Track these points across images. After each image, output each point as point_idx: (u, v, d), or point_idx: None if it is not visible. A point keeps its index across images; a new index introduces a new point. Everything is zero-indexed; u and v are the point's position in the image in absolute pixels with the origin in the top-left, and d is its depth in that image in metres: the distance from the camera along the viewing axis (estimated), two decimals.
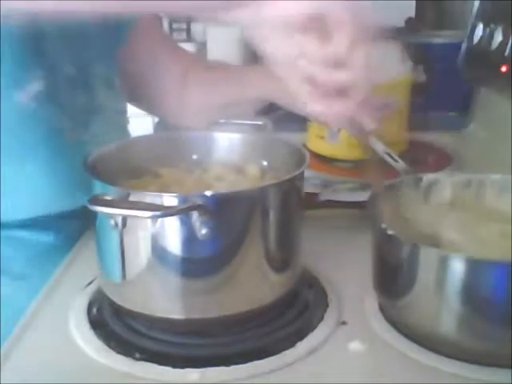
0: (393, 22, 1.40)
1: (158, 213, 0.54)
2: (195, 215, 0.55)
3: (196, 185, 0.67)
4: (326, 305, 0.66)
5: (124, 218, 0.56)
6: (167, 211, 0.55)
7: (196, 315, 0.60)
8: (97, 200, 0.55)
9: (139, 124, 1.06)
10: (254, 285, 0.61)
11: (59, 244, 0.79)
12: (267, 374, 0.57)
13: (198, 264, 0.58)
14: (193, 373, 0.57)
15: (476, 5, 1.08)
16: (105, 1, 0.55)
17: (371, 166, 0.66)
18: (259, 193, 0.60)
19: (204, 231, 0.55)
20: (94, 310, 0.66)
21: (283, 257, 0.63)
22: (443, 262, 0.55)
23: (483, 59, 1.02)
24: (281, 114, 0.98)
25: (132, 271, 0.60)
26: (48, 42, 0.75)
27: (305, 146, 0.98)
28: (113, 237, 0.59)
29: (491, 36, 0.99)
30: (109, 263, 0.62)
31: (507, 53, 0.94)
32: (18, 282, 0.76)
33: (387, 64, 1.01)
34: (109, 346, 0.60)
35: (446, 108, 1.31)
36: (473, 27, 1.06)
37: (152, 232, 0.57)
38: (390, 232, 0.58)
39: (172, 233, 0.57)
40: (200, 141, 0.74)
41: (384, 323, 0.63)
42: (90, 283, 0.70)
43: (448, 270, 0.55)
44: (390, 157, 0.77)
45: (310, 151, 1.03)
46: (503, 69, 0.95)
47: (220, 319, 0.60)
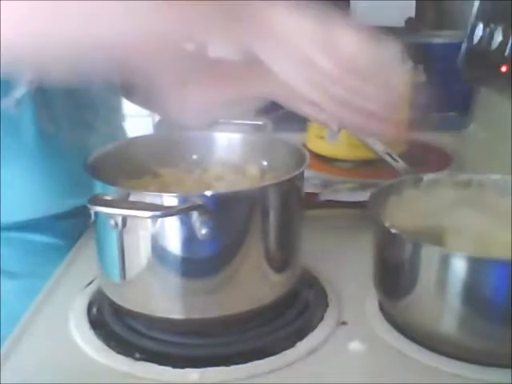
0: (393, 22, 1.40)
1: (158, 213, 0.54)
2: (195, 215, 0.55)
3: (196, 185, 0.67)
4: (326, 305, 0.66)
5: (124, 218, 0.56)
6: (167, 211, 0.55)
7: (196, 315, 0.60)
8: (97, 200, 0.55)
9: (139, 124, 1.07)
10: (254, 285, 0.61)
11: (58, 244, 0.79)
12: (267, 374, 0.57)
13: (198, 264, 0.58)
14: (193, 373, 0.57)
15: (476, 5, 1.08)
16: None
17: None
18: (259, 193, 0.60)
19: (204, 231, 0.55)
20: (94, 310, 0.66)
21: (283, 257, 0.63)
22: (445, 260, 0.55)
23: (483, 59, 1.02)
24: (281, 114, 0.98)
25: (132, 271, 0.60)
26: None
27: (305, 146, 0.98)
28: (113, 237, 0.59)
29: (491, 36, 0.99)
30: (109, 263, 0.62)
31: (507, 53, 0.94)
32: (17, 282, 0.76)
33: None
34: (109, 346, 0.60)
35: (446, 108, 1.31)
36: (473, 27, 1.06)
37: (152, 232, 0.57)
38: (393, 230, 0.58)
39: (172, 233, 0.57)
40: (200, 141, 0.74)
41: (384, 323, 0.63)
42: (90, 283, 0.70)
43: (450, 268, 0.55)
44: (390, 157, 0.77)
45: (310, 151, 1.03)
46: (503, 69, 0.95)
47: (220, 319, 0.60)
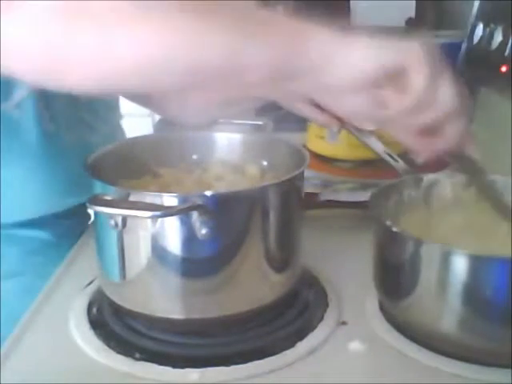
0: (393, 22, 1.40)
1: (158, 213, 0.54)
2: (195, 215, 0.55)
3: (196, 185, 0.67)
4: (326, 305, 0.66)
5: (124, 218, 0.56)
6: (167, 211, 0.55)
7: (196, 315, 0.60)
8: (97, 200, 0.55)
9: (139, 124, 1.06)
10: (254, 285, 0.61)
11: (58, 242, 0.79)
12: (267, 374, 0.57)
13: (198, 264, 0.58)
14: (193, 373, 0.57)
15: (476, 5, 1.08)
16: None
17: None
18: (259, 193, 0.60)
19: (204, 231, 0.55)
20: (94, 310, 0.66)
21: (283, 257, 0.63)
22: (446, 258, 0.55)
23: (483, 59, 1.02)
24: (281, 114, 0.98)
25: (132, 271, 0.60)
26: None
27: (305, 146, 0.98)
28: (113, 237, 0.59)
29: (491, 36, 0.99)
30: (109, 263, 0.62)
31: (507, 53, 0.94)
32: (17, 281, 0.76)
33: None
34: (109, 346, 0.60)
35: None
36: (473, 27, 1.06)
37: (152, 232, 0.57)
38: (394, 229, 0.58)
39: (172, 233, 0.57)
40: (200, 141, 0.74)
41: (384, 323, 0.63)
42: (90, 283, 0.70)
43: (451, 266, 0.55)
44: (390, 157, 0.76)
45: (310, 151, 1.03)
46: (503, 69, 0.95)
47: (220, 319, 0.60)
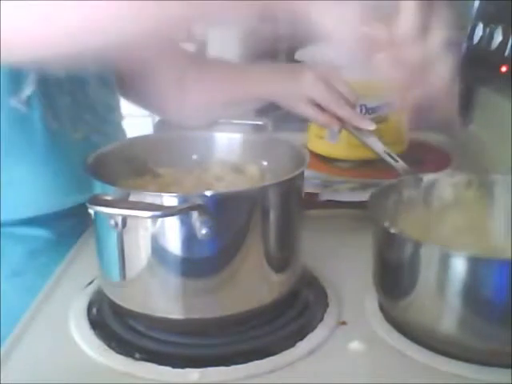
0: None
1: (158, 213, 0.54)
2: (195, 215, 0.55)
3: (196, 185, 0.67)
4: (326, 305, 0.66)
5: (124, 218, 0.56)
6: (167, 211, 0.55)
7: (196, 315, 0.60)
8: (97, 200, 0.55)
9: (139, 124, 1.06)
10: (254, 285, 0.61)
11: (59, 241, 0.79)
12: (267, 374, 0.57)
13: (198, 264, 0.58)
14: (193, 373, 0.57)
15: (476, 5, 1.08)
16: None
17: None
18: (259, 193, 0.60)
19: (204, 231, 0.55)
20: (94, 310, 0.66)
21: (283, 257, 0.63)
22: (445, 260, 0.55)
23: (483, 59, 1.03)
24: (281, 114, 0.98)
25: (132, 271, 0.60)
26: None
27: (305, 146, 0.98)
28: (113, 237, 0.59)
29: (491, 36, 0.99)
30: (109, 263, 0.62)
31: (507, 53, 0.94)
32: (18, 280, 0.76)
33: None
34: (109, 346, 0.60)
35: None
36: (473, 27, 1.06)
37: (152, 232, 0.57)
38: (393, 230, 0.58)
39: (172, 233, 0.57)
40: (200, 141, 0.74)
41: (384, 323, 0.63)
42: (90, 283, 0.70)
43: (450, 268, 0.55)
44: (390, 157, 0.77)
45: (310, 151, 1.03)
46: (503, 69, 0.95)
47: (220, 319, 0.60)
